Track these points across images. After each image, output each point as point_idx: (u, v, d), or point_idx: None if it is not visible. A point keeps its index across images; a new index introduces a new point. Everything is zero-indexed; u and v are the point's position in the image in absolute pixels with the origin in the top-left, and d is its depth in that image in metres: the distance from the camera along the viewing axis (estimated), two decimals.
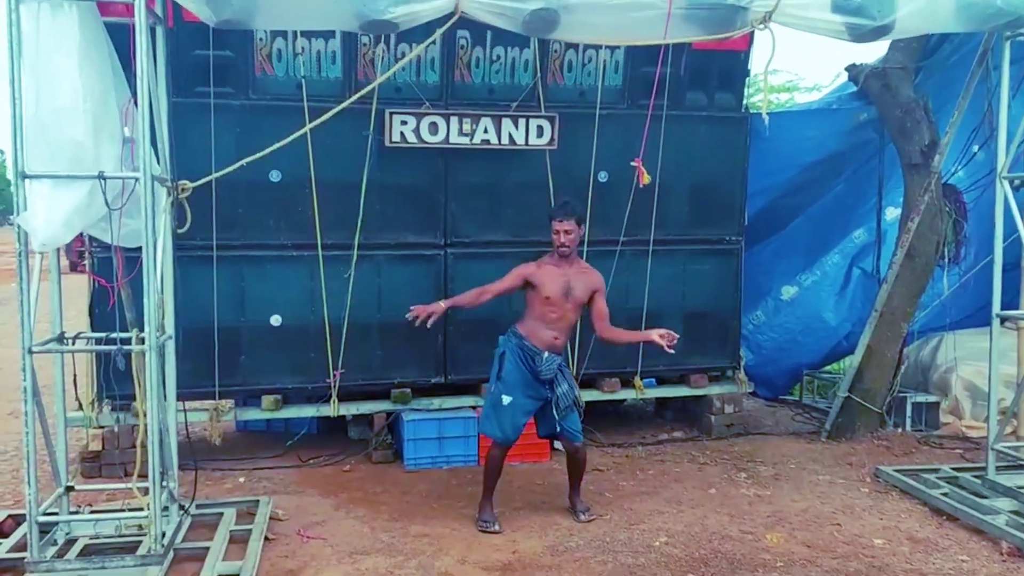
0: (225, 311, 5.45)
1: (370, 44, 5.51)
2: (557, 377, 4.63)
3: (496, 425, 4.63)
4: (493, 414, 4.65)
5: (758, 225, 7.03)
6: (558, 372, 4.64)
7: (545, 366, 4.58)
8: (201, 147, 5.04)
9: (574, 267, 4.71)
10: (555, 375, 4.62)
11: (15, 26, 3.54)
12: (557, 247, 4.64)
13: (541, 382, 4.61)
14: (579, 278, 4.69)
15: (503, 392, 4.58)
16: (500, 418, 4.61)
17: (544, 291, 4.59)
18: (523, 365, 4.59)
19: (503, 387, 4.59)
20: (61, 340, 4.02)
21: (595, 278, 4.77)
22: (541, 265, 4.68)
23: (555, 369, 4.62)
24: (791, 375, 7.82)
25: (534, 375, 4.60)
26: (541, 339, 4.61)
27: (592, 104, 5.79)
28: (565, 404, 4.62)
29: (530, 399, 4.63)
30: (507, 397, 4.57)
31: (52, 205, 3.64)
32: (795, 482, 5.46)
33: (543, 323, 4.62)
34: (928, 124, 6.21)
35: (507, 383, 4.59)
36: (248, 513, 4.64)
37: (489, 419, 4.68)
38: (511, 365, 4.60)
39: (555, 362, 4.63)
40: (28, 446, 3.68)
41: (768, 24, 4.15)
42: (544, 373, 4.58)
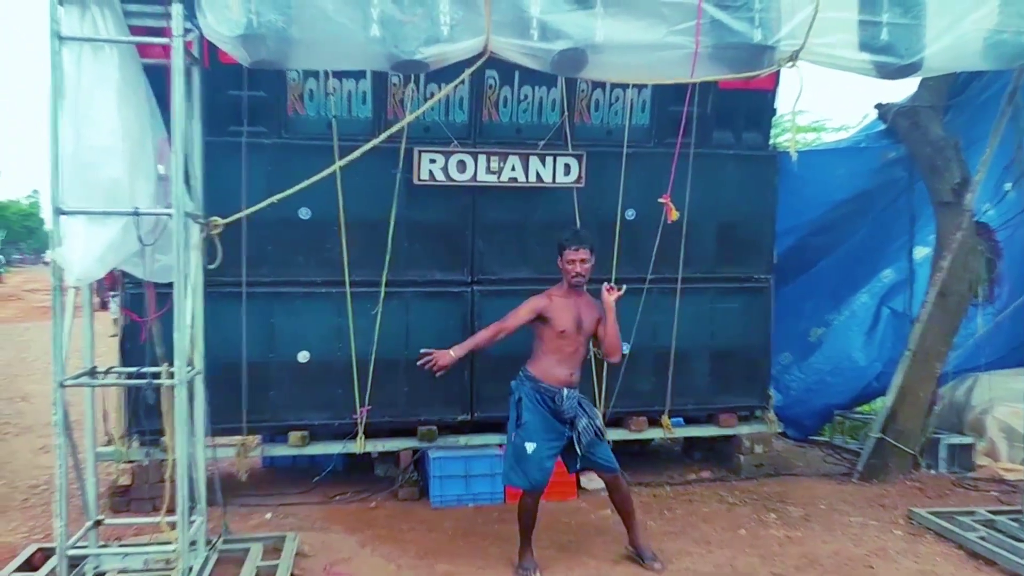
0: (254, 347, 5.49)
1: (400, 84, 5.60)
2: (577, 412, 4.51)
3: (522, 475, 4.47)
4: (517, 464, 4.49)
5: (787, 264, 6.98)
6: (578, 407, 4.53)
7: (567, 404, 4.47)
8: (233, 185, 5.10)
9: (582, 299, 4.62)
10: (576, 411, 4.51)
11: (58, 67, 3.64)
12: (571, 277, 4.52)
13: (562, 421, 4.50)
14: (587, 310, 4.60)
15: (525, 440, 4.45)
16: (526, 467, 4.45)
17: (558, 325, 4.50)
18: (542, 408, 4.48)
19: (525, 434, 4.47)
20: (93, 374, 4.08)
21: (597, 308, 4.67)
22: (551, 298, 4.58)
23: (576, 405, 4.52)
24: (821, 416, 7.71)
25: (555, 415, 4.49)
26: (557, 377, 4.51)
27: (619, 143, 5.82)
28: (588, 438, 4.49)
29: (553, 442, 4.50)
30: (530, 444, 4.43)
31: (87, 240, 3.70)
32: (826, 524, 5.36)
33: (557, 359, 4.53)
34: (959, 162, 6.17)
35: (528, 430, 4.46)
36: (275, 549, 4.63)
37: (513, 469, 4.52)
38: (529, 410, 4.48)
39: (575, 398, 4.53)
40: (60, 479, 3.71)
41: (796, 63, 4.17)
42: (567, 412, 4.47)
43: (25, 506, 5.70)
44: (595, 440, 4.54)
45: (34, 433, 7.88)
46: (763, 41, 4.09)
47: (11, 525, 5.29)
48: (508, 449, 4.62)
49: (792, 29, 4.08)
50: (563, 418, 4.49)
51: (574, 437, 4.49)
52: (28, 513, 5.54)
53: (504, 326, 4.57)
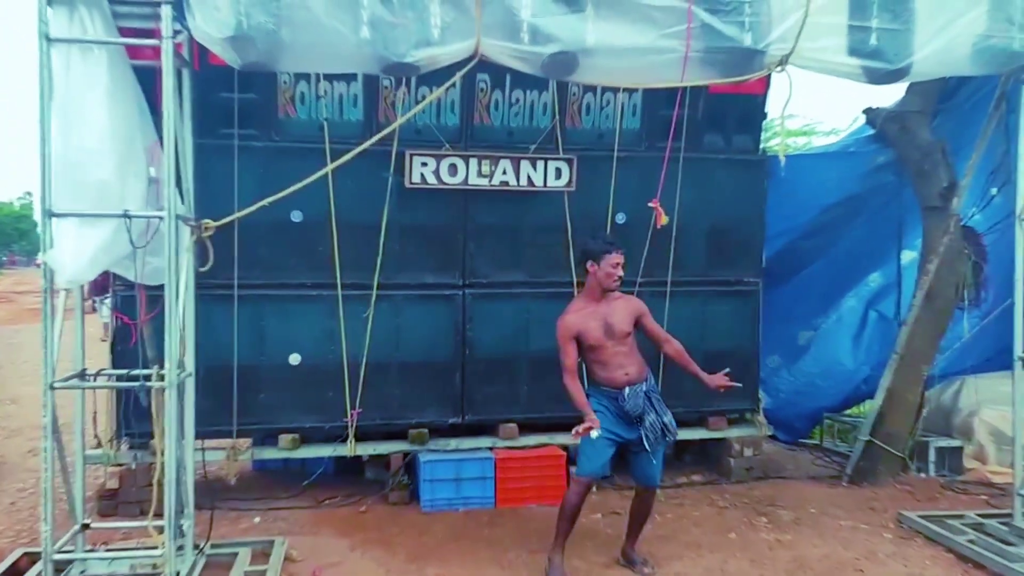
0: (244, 350, 5.47)
1: (391, 87, 5.60)
2: (646, 408, 4.40)
3: (584, 460, 4.42)
4: (583, 451, 4.43)
5: (776, 268, 7.02)
6: (646, 402, 4.41)
7: (630, 402, 4.37)
8: (224, 187, 5.09)
9: (612, 302, 4.52)
10: (644, 407, 4.40)
11: (46, 68, 3.62)
12: (613, 282, 4.45)
13: (629, 420, 4.40)
14: (615, 309, 4.50)
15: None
16: (591, 454, 4.37)
17: (588, 340, 4.43)
18: (610, 407, 4.41)
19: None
20: (83, 376, 4.06)
21: (635, 304, 4.60)
22: (574, 313, 4.49)
23: (643, 400, 4.40)
24: (810, 419, 7.75)
25: (622, 414, 4.40)
26: (614, 380, 4.43)
27: (610, 146, 5.83)
28: (654, 435, 4.37)
29: (613, 439, 4.40)
30: (594, 432, 4.29)
31: (78, 243, 3.69)
32: (816, 527, 5.38)
33: (602, 366, 4.46)
34: (946, 167, 6.21)
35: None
36: (263, 554, 4.62)
37: (582, 455, 4.45)
38: (598, 406, 4.41)
39: (639, 394, 4.41)
40: (46, 482, 3.69)
41: (785, 67, 4.20)
42: (632, 409, 4.37)
43: (12, 509, 5.66)
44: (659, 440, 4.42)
45: (23, 436, 7.83)
46: (753, 45, 4.12)
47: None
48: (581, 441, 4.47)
49: (782, 33, 4.11)
50: (632, 415, 4.39)
51: (642, 435, 4.39)
52: (15, 517, 5.51)
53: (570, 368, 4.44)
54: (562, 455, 5.90)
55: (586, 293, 4.56)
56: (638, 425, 4.40)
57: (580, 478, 4.43)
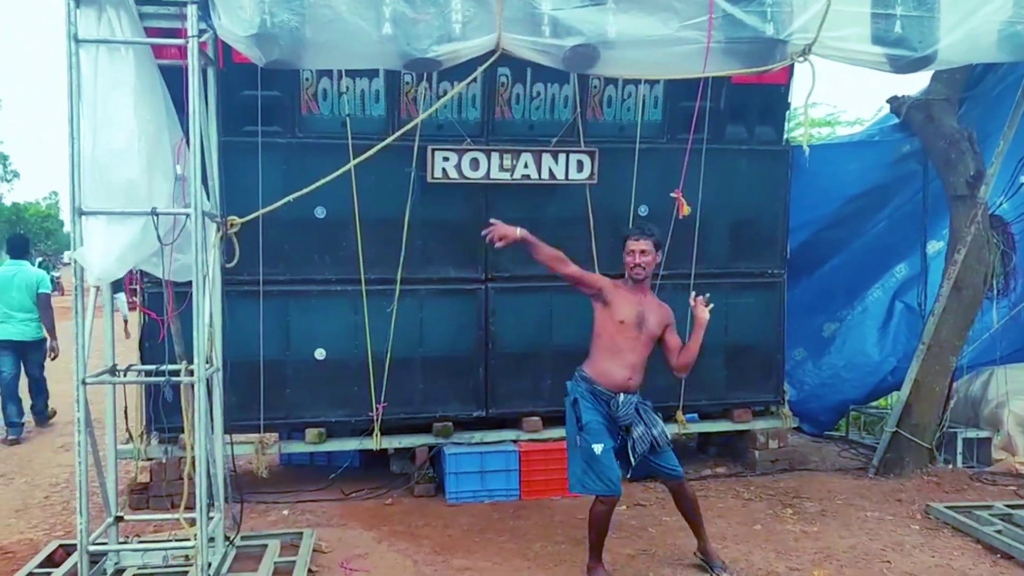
0: (270, 345, 5.53)
1: (413, 83, 5.62)
2: (633, 419, 4.28)
3: (597, 479, 4.18)
4: (589, 469, 4.20)
5: (800, 259, 6.97)
6: (635, 414, 4.30)
7: (622, 411, 4.26)
8: (249, 184, 5.15)
9: (648, 298, 4.46)
10: (633, 419, 4.28)
11: (75, 69, 3.68)
12: (630, 269, 4.37)
13: (616, 428, 4.31)
14: (653, 310, 4.42)
15: (592, 442, 4.18)
16: (599, 470, 4.17)
17: (618, 313, 4.32)
18: (600, 410, 4.29)
19: (590, 436, 4.20)
20: (113, 372, 4.12)
21: (667, 312, 4.51)
22: (617, 286, 4.43)
23: (632, 412, 4.29)
24: (835, 411, 7.71)
25: (611, 419, 4.30)
26: (613, 380, 4.31)
27: (632, 139, 5.83)
28: (642, 448, 4.25)
29: (614, 442, 4.29)
30: (598, 446, 4.17)
31: (107, 240, 3.75)
32: (843, 518, 5.36)
33: (614, 358, 4.33)
34: (973, 155, 6.15)
35: (592, 431, 4.21)
36: (292, 545, 4.67)
37: (587, 474, 4.21)
38: (588, 411, 4.26)
39: (632, 404, 4.31)
40: (80, 475, 3.75)
41: (808, 57, 4.18)
42: (622, 419, 4.26)
43: (46, 503, 5.76)
44: (648, 449, 4.29)
45: (55, 432, 7.96)
46: (775, 35, 4.10)
47: (32, 522, 5.36)
48: (573, 454, 4.34)
49: (804, 23, 4.09)
50: (619, 424, 4.30)
51: (628, 444, 4.29)
52: (49, 511, 5.60)
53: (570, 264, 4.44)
54: None
55: (625, 280, 4.48)
56: (625, 435, 4.30)
57: (604, 498, 4.24)
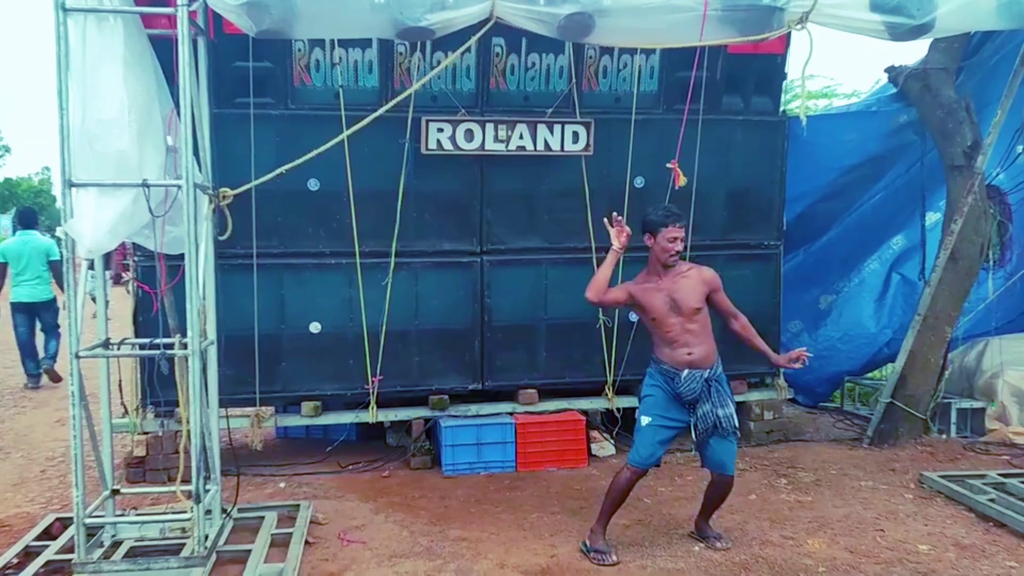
0: (265, 318, 5.51)
1: (406, 53, 5.57)
2: (702, 395, 4.19)
3: (636, 448, 4.26)
4: (635, 437, 4.30)
5: (796, 231, 6.96)
6: (704, 390, 4.20)
7: (685, 386, 4.18)
8: (241, 156, 5.13)
9: (670, 276, 4.27)
10: (699, 394, 4.19)
11: (62, 39, 3.62)
12: (668, 256, 4.21)
13: (683, 405, 4.24)
14: (681, 285, 4.26)
15: (643, 414, 4.26)
16: (640, 442, 4.24)
17: (650, 312, 4.26)
18: (664, 388, 4.26)
19: (643, 409, 4.28)
20: (107, 346, 4.11)
21: (704, 275, 4.36)
22: (637, 284, 4.34)
23: (698, 387, 4.19)
24: (831, 383, 7.73)
25: (676, 397, 4.24)
26: (675, 359, 4.22)
27: (627, 109, 5.78)
28: (704, 426, 4.19)
29: (669, 423, 4.25)
30: (645, 418, 4.23)
31: (98, 212, 3.72)
32: (837, 488, 5.39)
33: (666, 342, 4.26)
34: (970, 125, 6.12)
35: (646, 404, 4.27)
36: (289, 517, 4.69)
37: (635, 442, 4.31)
38: (652, 388, 4.29)
39: (698, 379, 4.20)
40: (75, 449, 3.75)
41: (805, 25, 4.13)
42: (686, 393, 4.19)
43: (43, 477, 5.77)
44: (714, 433, 4.22)
45: (50, 407, 7.96)
46: (772, 2, 4.05)
47: (29, 496, 5.36)
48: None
49: None
50: (684, 400, 4.23)
51: (691, 423, 4.24)
52: (46, 484, 5.61)
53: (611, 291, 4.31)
54: (582, 420, 5.94)
55: (648, 267, 4.35)
56: (691, 410, 4.24)
57: (631, 466, 4.26)
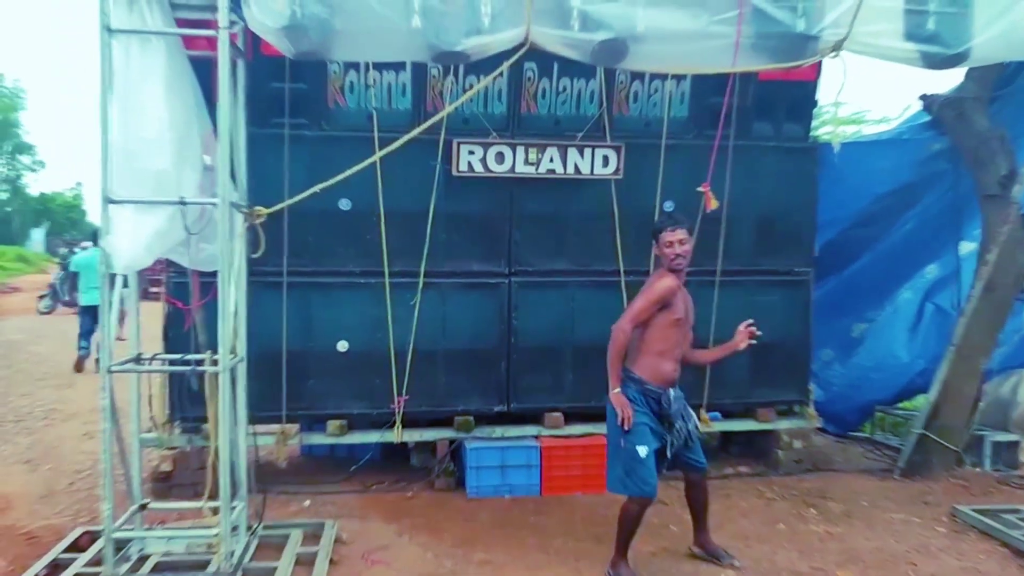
0: (293, 336, 5.56)
1: (439, 76, 5.62)
2: (681, 413, 4.30)
3: (640, 481, 4.17)
4: (633, 471, 4.17)
5: (828, 258, 6.90)
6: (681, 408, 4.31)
7: (675, 406, 4.25)
8: (275, 175, 5.19)
9: (683, 288, 4.38)
10: (679, 413, 4.28)
11: (107, 59, 3.71)
12: (672, 260, 4.24)
13: (663, 423, 4.28)
14: (689, 299, 4.42)
15: (637, 444, 4.15)
16: (643, 473, 4.16)
17: (676, 311, 4.24)
18: (647, 409, 4.24)
19: (636, 438, 4.16)
20: (139, 361, 4.15)
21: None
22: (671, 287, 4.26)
23: (682, 407, 4.31)
24: (862, 412, 7.63)
25: (659, 417, 4.27)
26: (662, 376, 4.27)
27: (658, 134, 5.79)
28: (678, 443, 4.29)
29: (659, 449, 4.27)
30: (643, 448, 4.15)
31: (135, 229, 3.78)
32: (867, 520, 5.30)
33: (665, 354, 4.27)
34: (1006, 154, 6.06)
35: (638, 433, 4.17)
36: (313, 536, 4.69)
37: (629, 475, 4.18)
38: (637, 413, 4.19)
39: (681, 398, 4.31)
40: (106, 463, 3.79)
41: (839, 53, 4.12)
42: (675, 414, 4.24)
43: (71, 490, 5.82)
44: (686, 443, 4.34)
45: (79, 419, 8.04)
46: (806, 30, 4.05)
47: (57, 508, 5.41)
48: (618, 456, 4.25)
49: (836, 18, 4.03)
50: (667, 420, 4.27)
51: (668, 440, 4.29)
52: (74, 497, 5.66)
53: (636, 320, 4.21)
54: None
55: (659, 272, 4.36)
56: (668, 429, 4.29)
57: (641, 498, 4.22)
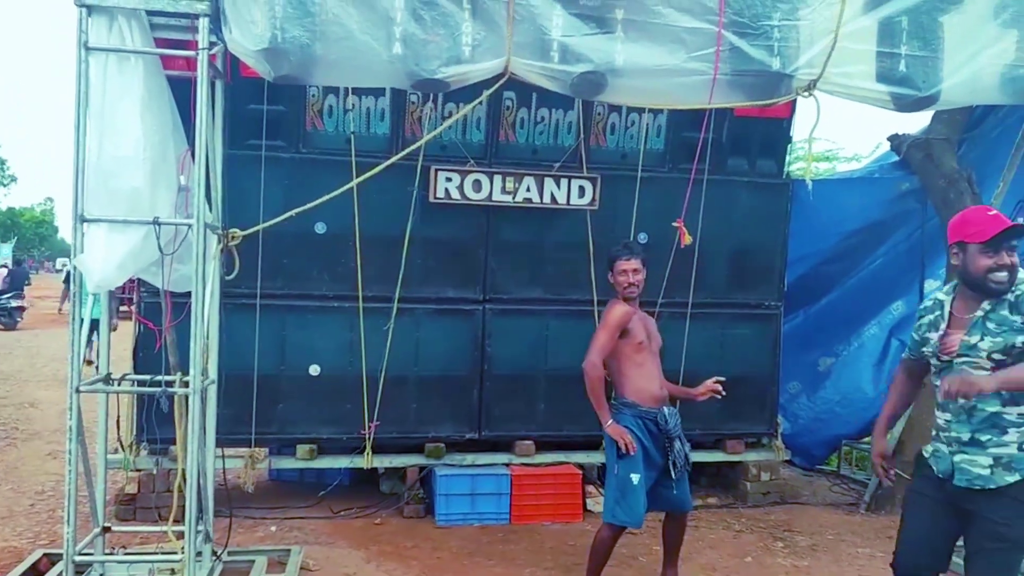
0: (265, 359, 5.52)
1: (418, 103, 5.65)
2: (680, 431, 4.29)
3: (628, 509, 4.16)
4: (623, 498, 4.17)
5: (797, 292, 6.99)
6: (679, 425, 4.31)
7: (672, 421, 4.25)
8: (251, 197, 5.17)
9: (641, 314, 4.46)
10: (678, 430, 4.27)
11: (84, 76, 3.68)
12: (624, 289, 4.34)
13: (661, 447, 4.25)
14: (649, 321, 4.51)
15: (631, 471, 4.15)
16: (633, 501, 4.16)
17: (636, 337, 4.31)
18: (644, 435, 4.23)
19: (630, 465, 4.16)
20: (107, 380, 4.10)
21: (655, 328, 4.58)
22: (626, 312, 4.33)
23: (679, 423, 4.30)
24: (828, 446, 7.69)
25: (657, 440, 4.25)
26: (653, 396, 4.30)
27: (634, 166, 5.85)
28: (681, 461, 4.25)
29: (650, 471, 4.24)
30: (635, 475, 4.15)
31: (108, 248, 3.73)
32: (834, 554, 5.33)
33: (643, 375, 4.32)
34: (972, 195, 6.18)
35: (632, 460, 4.16)
36: (279, 562, 4.63)
37: (619, 504, 4.18)
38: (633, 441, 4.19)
39: (676, 415, 4.32)
40: (70, 484, 3.71)
41: (813, 92, 4.20)
42: (673, 430, 4.24)
43: (31, 511, 5.71)
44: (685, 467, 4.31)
45: (42, 439, 7.90)
46: (781, 69, 4.11)
47: (17, 530, 5.30)
48: (612, 483, 4.26)
49: (811, 58, 4.10)
50: (668, 438, 4.24)
51: (670, 461, 4.25)
52: (34, 519, 5.55)
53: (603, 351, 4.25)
54: (578, 473, 5.90)
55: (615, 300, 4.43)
56: (668, 450, 4.25)
57: (622, 525, 4.22)
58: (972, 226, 3.18)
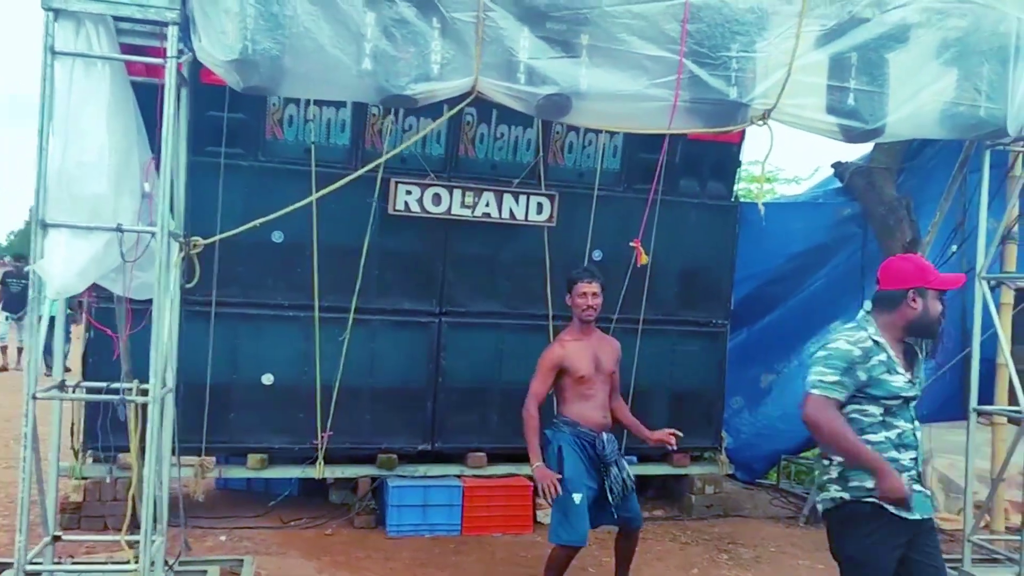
0: (218, 367, 5.47)
1: (379, 115, 5.69)
2: (616, 457, 4.35)
3: (571, 529, 4.21)
4: (565, 519, 4.22)
5: (742, 311, 7.19)
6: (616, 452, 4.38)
7: (608, 448, 4.32)
8: (209, 204, 5.14)
9: (594, 336, 4.55)
10: (615, 457, 4.34)
11: (49, 81, 3.65)
12: (582, 311, 4.44)
13: (598, 469, 4.32)
14: (603, 347, 4.54)
15: (572, 491, 4.20)
16: (575, 520, 4.20)
17: (577, 371, 4.38)
18: (583, 455, 4.31)
19: (571, 485, 4.21)
20: (63, 388, 4.04)
21: (615, 345, 4.66)
22: (564, 344, 4.48)
23: (616, 449, 4.37)
24: (768, 460, 7.90)
25: (593, 462, 4.32)
26: (592, 421, 4.38)
27: (590, 185, 5.98)
28: (618, 488, 4.30)
29: (591, 490, 4.29)
30: (577, 495, 4.19)
31: (69, 254, 3.69)
32: (776, 566, 5.50)
33: (585, 402, 4.41)
34: (910, 222, 6.46)
35: (573, 480, 4.22)
36: (232, 573, 4.61)
37: (562, 525, 4.23)
38: (572, 459, 4.27)
39: (614, 442, 4.39)
40: (23, 492, 3.66)
41: (767, 121, 4.37)
42: (609, 456, 4.30)
43: None
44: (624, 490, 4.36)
45: None
46: (738, 98, 4.27)
47: None
48: (555, 504, 4.28)
49: (766, 89, 4.27)
50: (604, 463, 4.31)
51: (606, 486, 4.30)
52: None
53: (538, 396, 4.40)
54: (529, 485, 5.96)
55: (571, 325, 4.57)
56: (604, 475, 4.32)
57: (569, 545, 4.26)
58: (932, 273, 3.32)
